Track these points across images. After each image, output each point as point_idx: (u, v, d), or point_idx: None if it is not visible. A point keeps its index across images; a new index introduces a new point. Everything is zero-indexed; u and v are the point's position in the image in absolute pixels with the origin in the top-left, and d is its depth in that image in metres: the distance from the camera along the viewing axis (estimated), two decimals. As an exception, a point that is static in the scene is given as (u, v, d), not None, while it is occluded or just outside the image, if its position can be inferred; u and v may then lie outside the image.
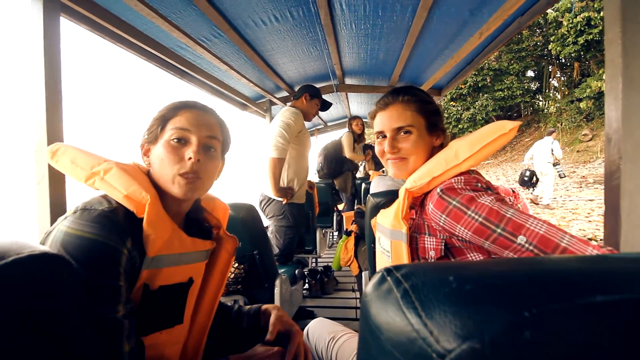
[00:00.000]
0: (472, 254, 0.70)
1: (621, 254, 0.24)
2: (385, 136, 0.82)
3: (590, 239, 4.69)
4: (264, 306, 0.88)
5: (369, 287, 0.25)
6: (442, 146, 0.83)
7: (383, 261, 0.92)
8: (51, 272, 0.33)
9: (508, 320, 0.18)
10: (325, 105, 2.20)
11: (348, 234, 2.12)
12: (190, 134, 0.66)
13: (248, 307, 0.89)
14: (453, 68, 2.32)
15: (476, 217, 0.62)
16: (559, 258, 0.24)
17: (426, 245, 0.76)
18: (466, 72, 2.61)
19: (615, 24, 0.77)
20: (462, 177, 0.70)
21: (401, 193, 0.79)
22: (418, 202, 0.82)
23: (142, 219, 0.58)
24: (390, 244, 0.84)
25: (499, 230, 0.59)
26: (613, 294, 0.18)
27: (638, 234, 0.78)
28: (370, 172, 3.87)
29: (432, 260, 0.74)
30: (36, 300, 0.32)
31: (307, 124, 5.67)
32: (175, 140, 0.65)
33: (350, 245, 2.02)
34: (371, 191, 1.71)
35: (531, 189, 6.60)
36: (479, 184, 0.69)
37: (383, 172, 3.34)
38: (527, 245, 0.56)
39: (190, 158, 0.63)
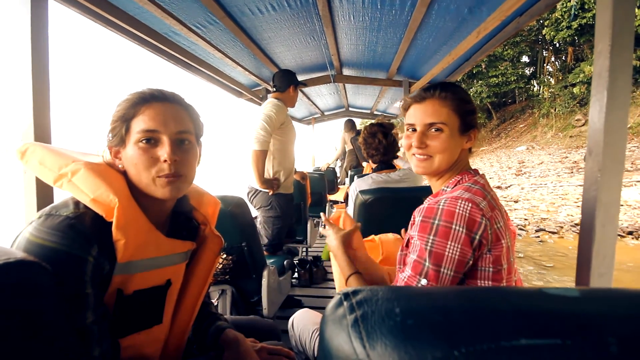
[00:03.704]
0: None
1: (560, 289, 0.25)
2: (415, 130, 0.79)
3: (576, 224, 4.84)
4: (227, 332, 0.79)
5: (328, 308, 0.27)
6: (470, 150, 0.82)
7: None
8: (27, 278, 0.34)
9: (439, 357, 0.20)
10: (302, 84, 2.19)
11: (338, 226, 2.14)
12: (159, 134, 0.61)
13: (216, 324, 0.82)
14: (451, 64, 2.30)
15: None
16: (499, 291, 0.26)
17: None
18: (463, 69, 2.60)
19: (605, 36, 0.78)
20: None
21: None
22: None
23: (112, 223, 0.55)
24: None
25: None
26: (537, 338, 0.20)
27: (611, 245, 0.81)
28: (364, 164, 3.89)
29: None
30: (15, 306, 0.34)
31: (304, 112, 5.62)
32: (144, 141, 0.60)
33: (340, 237, 2.04)
34: (352, 193, 1.75)
35: None
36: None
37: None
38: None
39: (165, 160, 0.60)
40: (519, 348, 0.19)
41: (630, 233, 4.37)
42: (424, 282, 0.66)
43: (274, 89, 2.06)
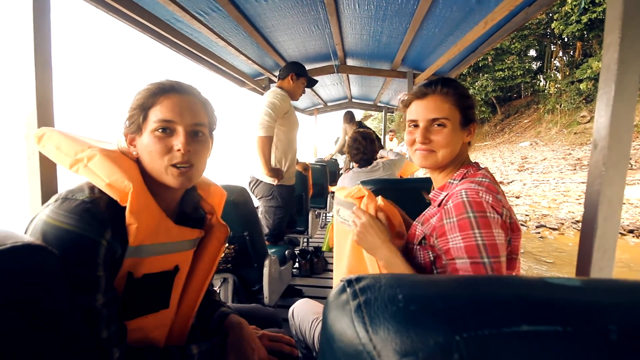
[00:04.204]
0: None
1: (562, 278, 0.26)
2: (417, 125, 0.79)
3: (577, 221, 4.89)
4: (230, 317, 0.81)
5: (331, 294, 0.27)
6: (470, 143, 0.83)
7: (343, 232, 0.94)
8: (34, 262, 0.35)
9: (441, 342, 0.20)
10: (311, 83, 2.14)
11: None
12: (175, 125, 0.63)
13: (219, 310, 0.84)
14: (456, 55, 2.27)
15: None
16: (499, 279, 0.26)
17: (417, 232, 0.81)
18: (469, 60, 2.56)
19: (615, 29, 0.76)
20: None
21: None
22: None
23: (125, 208, 0.57)
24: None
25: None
26: (538, 325, 0.20)
27: (612, 240, 0.81)
28: None
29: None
30: (22, 290, 0.34)
31: (306, 103, 5.59)
32: (160, 131, 0.63)
33: (340, 228, 2.06)
34: (339, 187, 1.76)
35: None
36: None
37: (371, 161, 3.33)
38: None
39: (179, 150, 0.62)
40: (520, 334, 0.20)
41: (631, 231, 4.37)
42: None
43: (280, 78, 2.05)
